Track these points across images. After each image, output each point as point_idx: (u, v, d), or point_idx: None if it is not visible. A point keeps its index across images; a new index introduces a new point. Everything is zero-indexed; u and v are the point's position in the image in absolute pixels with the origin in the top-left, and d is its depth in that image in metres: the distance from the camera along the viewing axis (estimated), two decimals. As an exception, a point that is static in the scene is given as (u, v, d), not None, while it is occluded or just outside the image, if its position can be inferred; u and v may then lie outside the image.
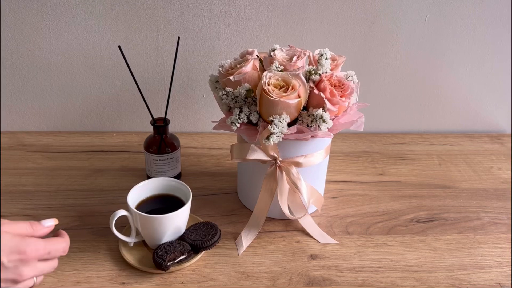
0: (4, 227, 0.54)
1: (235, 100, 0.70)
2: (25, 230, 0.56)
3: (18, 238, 0.54)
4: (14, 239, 0.53)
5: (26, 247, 0.53)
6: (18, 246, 0.53)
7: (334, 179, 0.89)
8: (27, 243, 0.54)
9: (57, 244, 0.58)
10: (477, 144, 1.03)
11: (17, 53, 0.94)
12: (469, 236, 0.76)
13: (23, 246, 0.53)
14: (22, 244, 0.53)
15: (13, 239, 0.53)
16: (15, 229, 0.55)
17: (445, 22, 0.96)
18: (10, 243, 0.53)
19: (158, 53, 0.95)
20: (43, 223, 0.59)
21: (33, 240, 0.55)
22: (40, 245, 0.55)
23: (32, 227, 0.57)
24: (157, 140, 0.83)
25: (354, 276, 0.68)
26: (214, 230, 0.71)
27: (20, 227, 0.56)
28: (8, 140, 0.97)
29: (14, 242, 0.53)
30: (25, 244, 0.53)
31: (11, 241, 0.53)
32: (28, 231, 0.57)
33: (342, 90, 0.69)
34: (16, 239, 0.53)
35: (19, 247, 0.53)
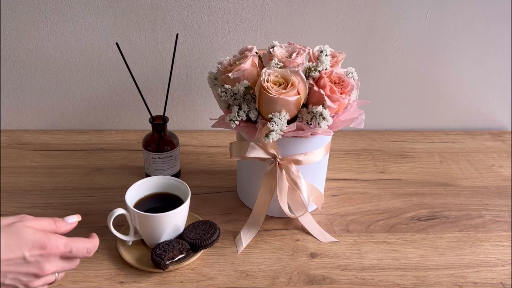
0: (28, 223, 0.55)
1: (234, 98, 0.69)
2: (48, 226, 0.57)
3: (41, 233, 0.55)
4: (36, 234, 0.54)
5: (47, 242, 0.54)
6: (40, 241, 0.54)
7: (334, 177, 0.89)
8: (49, 239, 0.54)
9: (80, 243, 0.58)
10: (478, 141, 1.03)
11: (14, 51, 0.93)
12: (471, 234, 0.76)
13: (44, 242, 0.54)
14: (44, 240, 0.54)
15: (36, 234, 0.54)
16: (39, 225, 0.56)
17: (446, 19, 0.95)
18: (33, 237, 0.54)
19: (157, 50, 0.95)
20: (66, 219, 0.60)
21: (55, 236, 0.55)
22: (62, 242, 0.56)
23: (55, 223, 0.58)
24: (156, 138, 0.82)
25: (354, 274, 0.67)
26: (213, 229, 0.70)
27: (43, 223, 0.57)
28: (6, 138, 0.97)
29: (37, 237, 0.54)
30: (46, 240, 0.54)
31: (33, 235, 0.54)
32: (51, 227, 0.57)
33: (342, 87, 0.68)
34: (38, 234, 0.54)
35: (41, 242, 0.54)
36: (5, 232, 0.53)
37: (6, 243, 0.52)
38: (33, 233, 0.54)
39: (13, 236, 0.53)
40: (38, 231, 0.55)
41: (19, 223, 0.54)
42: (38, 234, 0.54)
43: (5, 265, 0.52)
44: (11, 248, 0.52)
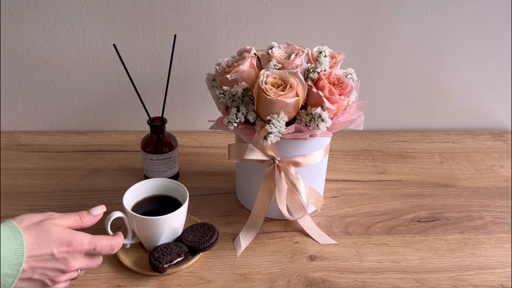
0: (55, 221, 0.57)
1: (232, 99, 0.69)
2: (74, 222, 0.60)
3: (68, 231, 0.57)
4: (64, 232, 0.56)
5: (73, 240, 0.56)
6: (67, 239, 0.56)
7: (334, 178, 0.88)
8: (75, 237, 0.57)
9: (104, 241, 0.60)
10: (479, 141, 1.02)
11: (12, 52, 0.93)
12: (471, 236, 0.75)
13: (71, 239, 0.56)
14: (70, 237, 0.56)
15: (64, 232, 0.56)
16: (65, 222, 0.58)
17: (446, 18, 0.94)
18: (60, 235, 0.56)
19: (155, 51, 0.94)
20: (91, 212, 0.62)
21: (80, 234, 0.58)
22: (86, 239, 0.58)
23: (81, 218, 0.60)
24: (154, 140, 0.82)
25: (353, 277, 0.67)
26: (211, 231, 0.70)
27: (70, 219, 0.59)
28: (5, 140, 0.97)
29: (64, 235, 0.56)
30: (73, 238, 0.57)
31: (61, 234, 0.56)
32: (77, 223, 0.60)
33: (341, 89, 0.68)
34: (66, 232, 0.57)
35: (68, 240, 0.56)
36: (35, 229, 0.55)
37: (36, 240, 0.54)
38: (61, 231, 0.56)
39: (43, 234, 0.55)
40: (65, 229, 0.57)
41: (48, 221, 0.56)
42: (66, 232, 0.57)
43: (35, 261, 0.54)
44: (40, 245, 0.54)
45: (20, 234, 0.53)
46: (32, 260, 0.54)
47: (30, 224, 0.55)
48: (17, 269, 0.53)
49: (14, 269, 0.53)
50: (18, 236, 0.53)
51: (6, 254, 0.52)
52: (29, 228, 0.55)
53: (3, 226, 0.54)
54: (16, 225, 0.54)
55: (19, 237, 0.53)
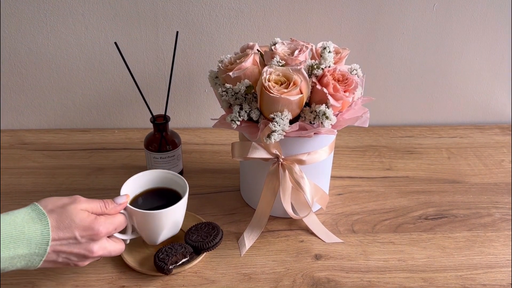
0: (80, 205, 0.58)
1: (235, 97, 0.68)
2: (99, 208, 0.60)
3: (93, 217, 0.58)
4: (89, 217, 0.57)
5: (98, 226, 0.58)
6: (91, 224, 0.57)
7: (340, 175, 0.87)
8: (99, 223, 0.58)
9: (119, 218, 0.62)
10: (487, 135, 1.00)
11: (15, 51, 0.92)
12: (479, 234, 0.74)
13: (95, 225, 0.57)
14: (95, 223, 0.57)
15: (89, 217, 0.57)
16: (90, 207, 0.59)
17: (454, 11, 0.92)
18: (84, 221, 0.57)
19: (158, 47, 0.93)
20: (116, 200, 0.62)
21: (103, 219, 0.59)
22: (109, 223, 0.59)
23: (106, 205, 0.61)
24: (157, 138, 0.81)
25: (359, 277, 0.66)
26: (216, 231, 0.69)
27: (95, 206, 0.60)
28: (9, 138, 0.96)
29: (88, 220, 0.57)
30: (97, 224, 0.58)
31: (86, 219, 0.57)
32: (101, 210, 0.60)
33: (346, 85, 0.66)
34: (91, 218, 0.58)
35: (92, 225, 0.57)
36: (59, 214, 0.56)
37: (59, 225, 0.55)
38: (84, 217, 0.57)
39: (67, 218, 0.56)
40: (90, 215, 0.58)
41: (72, 205, 0.57)
42: (90, 218, 0.57)
43: (59, 245, 0.55)
44: (64, 229, 0.56)
45: (45, 216, 0.55)
46: (57, 244, 0.55)
47: (54, 208, 0.56)
48: (44, 249, 0.54)
49: (41, 249, 0.54)
50: (43, 218, 0.55)
51: (33, 234, 0.54)
52: (53, 212, 0.56)
53: (28, 209, 0.56)
54: (41, 208, 0.56)
55: (45, 219, 0.55)
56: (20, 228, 0.53)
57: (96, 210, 0.60)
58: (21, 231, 0.53)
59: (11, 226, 0.53)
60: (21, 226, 0.53)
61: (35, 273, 0.66)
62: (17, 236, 0.53)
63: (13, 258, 0.53)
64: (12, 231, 0.53)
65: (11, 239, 0.53)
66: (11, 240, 0.53)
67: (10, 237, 0.53)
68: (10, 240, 0.52)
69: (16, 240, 0.53)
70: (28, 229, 0.53)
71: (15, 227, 0.53)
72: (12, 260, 0.53)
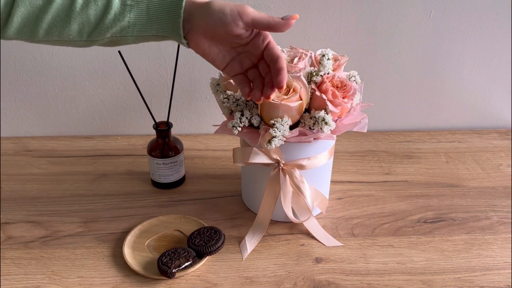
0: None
1: (236, 104, 0.69)
2: (265, 15, 0.57)
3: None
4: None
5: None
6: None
7: (340, 179, 0.88)
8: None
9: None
10: (485, 140, 1.01)
11: (19, 59, 0.94)
12: (478, 237, 0.75)
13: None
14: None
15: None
16: (256, 11, 0.57)
17: (450, 17, 0.94)
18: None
19: (161, 56, 0.95)
20: (282, 17, 0.58)
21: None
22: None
23: (274, 17, 0.57)
24: (160, 144, 0.82)
25: (359, 279, 0.67)
26: (218, 235, 0.70)
27: (262, 13, 0.57)
28: (13, 146, 0.98)
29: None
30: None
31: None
32: (267, 16, 0.57)
33: (345, 91, 0.68)
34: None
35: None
36: None
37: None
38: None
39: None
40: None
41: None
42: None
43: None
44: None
45: None
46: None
47: None
48: None
49: None
50: None
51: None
52: None
53: None
54: None
55: None
56: None
57: (262, 15, 0.57)
58: None
59: None
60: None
61: (40, 277, 0.67)
62: None
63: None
64: None
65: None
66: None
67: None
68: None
69: None
70: None
71: None
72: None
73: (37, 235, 0.74)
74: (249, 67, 0.61)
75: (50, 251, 0.71)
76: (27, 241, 0.73)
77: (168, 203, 0.82)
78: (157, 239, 0.73)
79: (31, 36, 0.55)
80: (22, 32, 0.54)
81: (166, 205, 0.81)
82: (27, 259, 0.70)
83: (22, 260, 0.70)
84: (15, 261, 0.70)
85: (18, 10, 0.52)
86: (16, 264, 0.69)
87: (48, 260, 0.70)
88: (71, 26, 0.54)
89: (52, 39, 0.56)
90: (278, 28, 0.57)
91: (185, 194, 0.84)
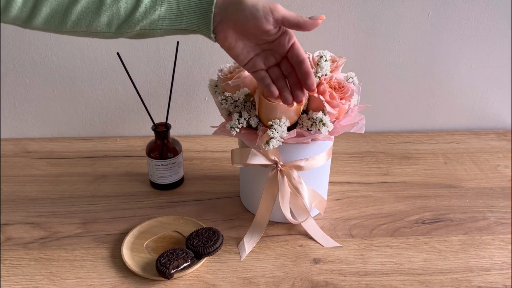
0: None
1: (235, 105, 0.70)
2: (294, 14, 0.60)
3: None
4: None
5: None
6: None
7: (338, 180, 0.89)
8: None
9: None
10: (483, 141, 1.02)
11: (19, 61, 0.94)
12: (475, 237, 0.75)
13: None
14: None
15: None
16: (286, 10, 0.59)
17: (448, 19, 0.94)
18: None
19: (159, 57, 0.95)
20: (311, 17, 0.61)
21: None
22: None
23: (302, 17, 0.60)
24: (159, 145, 0.83)
25: (357, 280, 0.67)
26: (216, 236, 0.71)
27: (291, 12, 0.59)
28: (13, 147, 0.98)
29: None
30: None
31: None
32: (296, 16, 0.60)
33: (342, 93, 0.68)
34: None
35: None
36: None
37: None
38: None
39: None
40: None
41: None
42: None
43: None
44: None
45: None
46: None
47: None
48: None
49: None
50: None
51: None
52: None
53: None
54: None
55: None
56: None
57: (291, 14, 0.59)
58: None
59: None
60: None
61: (39, 278, 0.67)
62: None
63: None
64: None
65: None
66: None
67: None
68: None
69: None
70: None
71: None
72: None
73: (36, 236, 0.75)
74: (271, 65, 0.62)
75: (49, 252, 0.71)
76: (26, 242, 0.73)
77: (166, 204, 0.82)
78: (155, 240, 0.73)
79: (59, 26, 0.55)
80: (50, 22, 0.54)
81: (165, 206, 0.82)
82: (26, 260, 0.70)
83: (21, 261, 0.70)
84: (14, 262, 0.70)
85: (48, 0, 0.53)
86: (15, 265, 0.69)
87: (47, 261, 0.70)
88: (101, 18, 0.55)
89: (79, 30, 0.56)
90: (306, 27, 0.59)
91: (184, 195, 0.84)
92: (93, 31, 0.56)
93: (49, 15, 0.54)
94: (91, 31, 0.56)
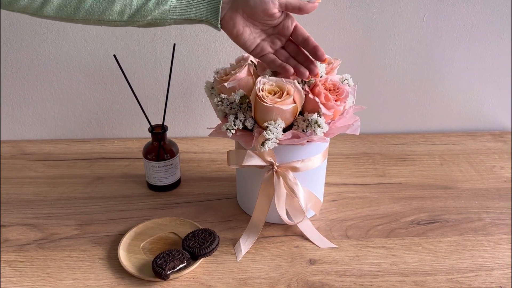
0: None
1: (230, 107, 0.70)
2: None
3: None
4: None
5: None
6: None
7: (334, 182, 0.89)
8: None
9: None
10: (479, 142, 1.02)
11: (16, 63, 0.94)
12: (470, 238, 0.76)
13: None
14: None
15: None
16: None
17: (444, 21, 0.95)
18: None
19: (156, 59, 0.95)
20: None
21: None
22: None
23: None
24: (156, 147, 0.83)
25: (353, 280, 0.68)
26: (212, 237, 0.71)
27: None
28: (10, 149, 0.98)
29: None
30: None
31: None
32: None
33: (337, 94, 0.69)
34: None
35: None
36: None
37: None
38: None
39: None
40: None
41: None
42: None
43: None
44: None
45: None
46: None
47: None
48: None
49: None
50: None
51: None
52: None
53: None
54: None
55: None
56: None
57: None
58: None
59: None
60: None
61: (36, 279, 0.67)
62: None
63: None
64: None
65: None
66: None
67: None
68: None
69: None
70: None
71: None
72: None
73: (33, 238, 0.75)
74: (277, 47, 0.68)
75: (45, 254, 0.72)
76: (23, 244, 0.74)
77: (163, 205, 0.83)
78: (152, 241, 0.74)
79: (71, 15, 0.56)
80: (62, 11, 0.56)
81: (162, 208, 0.82)
82: (23, 261, 0.70)
83: (18, 262, 0.70)
84: (11, 264, 0.70)
85: None
86: (12, 267, 0.70)
87: (43, 262, 0.70)
88: (114, 8, 0.56)
89: (92, 18, 0.57)
90: (306, 10, 0.65)
91: (181, 197, 0.85)
92: (105, 19, 0.58)
93: (62, 3, 0.55)
94: (103, 19, 0.58)
